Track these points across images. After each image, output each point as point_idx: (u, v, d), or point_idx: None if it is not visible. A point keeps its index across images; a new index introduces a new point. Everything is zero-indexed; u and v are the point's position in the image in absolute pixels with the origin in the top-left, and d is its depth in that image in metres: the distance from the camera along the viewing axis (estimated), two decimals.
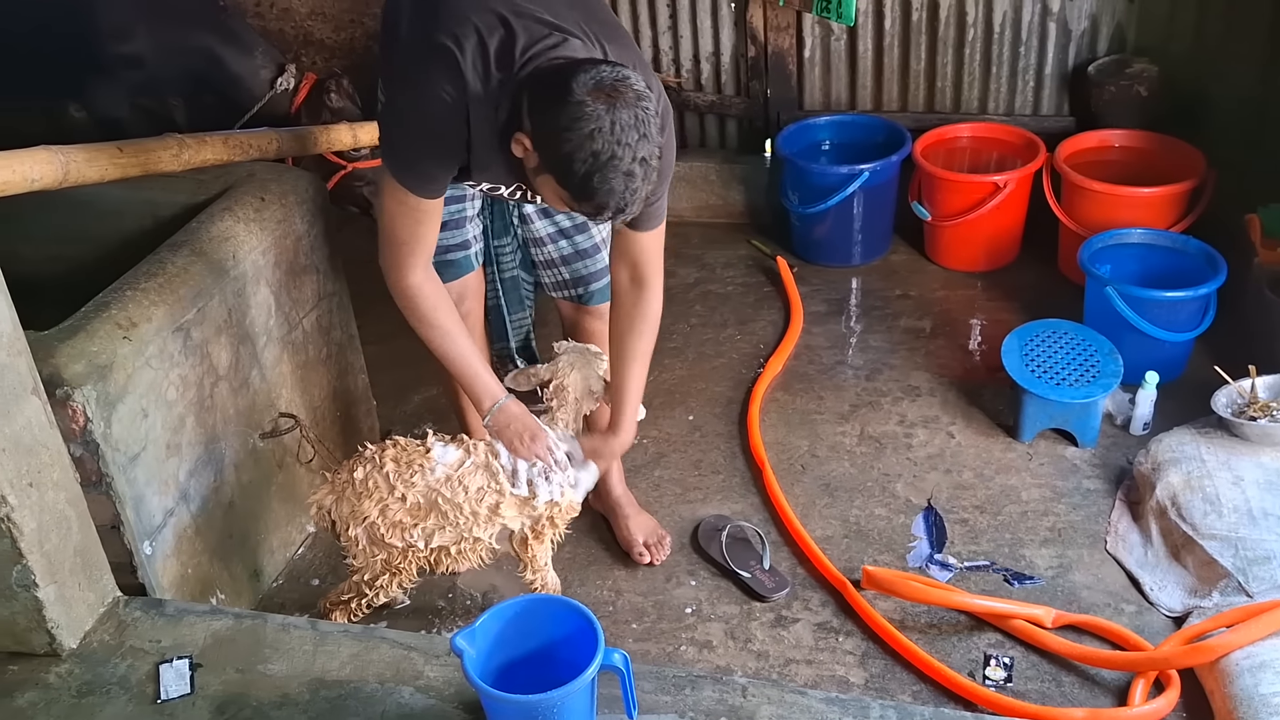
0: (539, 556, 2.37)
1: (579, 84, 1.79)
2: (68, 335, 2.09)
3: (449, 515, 2.22)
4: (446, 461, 2.23)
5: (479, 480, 2.23)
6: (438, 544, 2.25)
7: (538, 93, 1.86)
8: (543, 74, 1.89)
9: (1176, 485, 2.60)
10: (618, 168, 1.80)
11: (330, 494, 2.28)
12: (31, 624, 1.97)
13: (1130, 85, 3.51)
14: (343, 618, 2.38)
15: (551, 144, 1.82)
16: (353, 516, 2.23)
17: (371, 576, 2.31)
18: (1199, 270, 3.07)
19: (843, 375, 3.30)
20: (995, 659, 2.37)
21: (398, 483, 2.21)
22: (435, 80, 1.92)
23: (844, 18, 3.64)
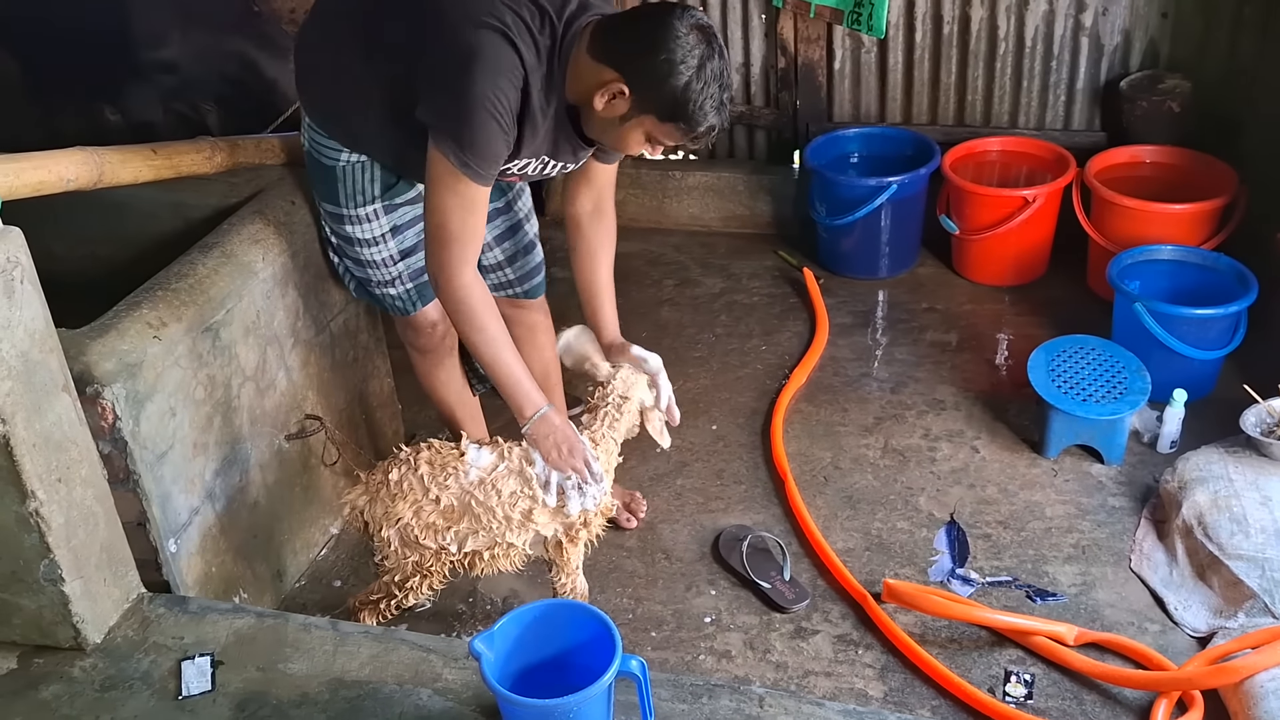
0: (571, 560, 2.37)
1: (681, 26, 1.96)
2: (99, 334, 2.12)
3: (482, 519, 2.22)
4: (480, 465, 2.23)
5: (512, 485, 2.22)
6: (471, 548, 2.25)
7: (628, 42, 2.00)
8: (620, 25, 2.03)
9: (1203, 504, 2.58)
10: (719, 93, 2.01)
11: (364, 494, 2.29)
12: (57, 618, 2.00)
13: (1163, 101, 3.49)
14: (371, 619, 2.39)
15: (667, 88, 1.97)
16: (386, 517, 2.24)
17: (402, 578, 2.31)
18: (1230, 288, 3.04)
19: (867, 387, 3.29)
20: (1016, 675, 2.35)
21: (432, 485, 2.21)
22: (498, 62, 1.98)
23: (875, 30, 3.64)
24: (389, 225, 2.42)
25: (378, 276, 2.48)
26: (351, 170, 2.34)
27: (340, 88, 2.26)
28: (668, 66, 1.96)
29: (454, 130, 2.01)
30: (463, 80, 1.97)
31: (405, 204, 2.43)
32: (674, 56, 1.95)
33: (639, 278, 3.68)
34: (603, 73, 2.02)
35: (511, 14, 2.01)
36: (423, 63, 2.05)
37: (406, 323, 2.58)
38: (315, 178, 2.41)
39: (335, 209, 2.40)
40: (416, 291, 2.51)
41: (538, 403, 2.23)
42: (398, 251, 2.45)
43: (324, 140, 2.33)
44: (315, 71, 2.32)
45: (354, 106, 2.26)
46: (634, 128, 2.07)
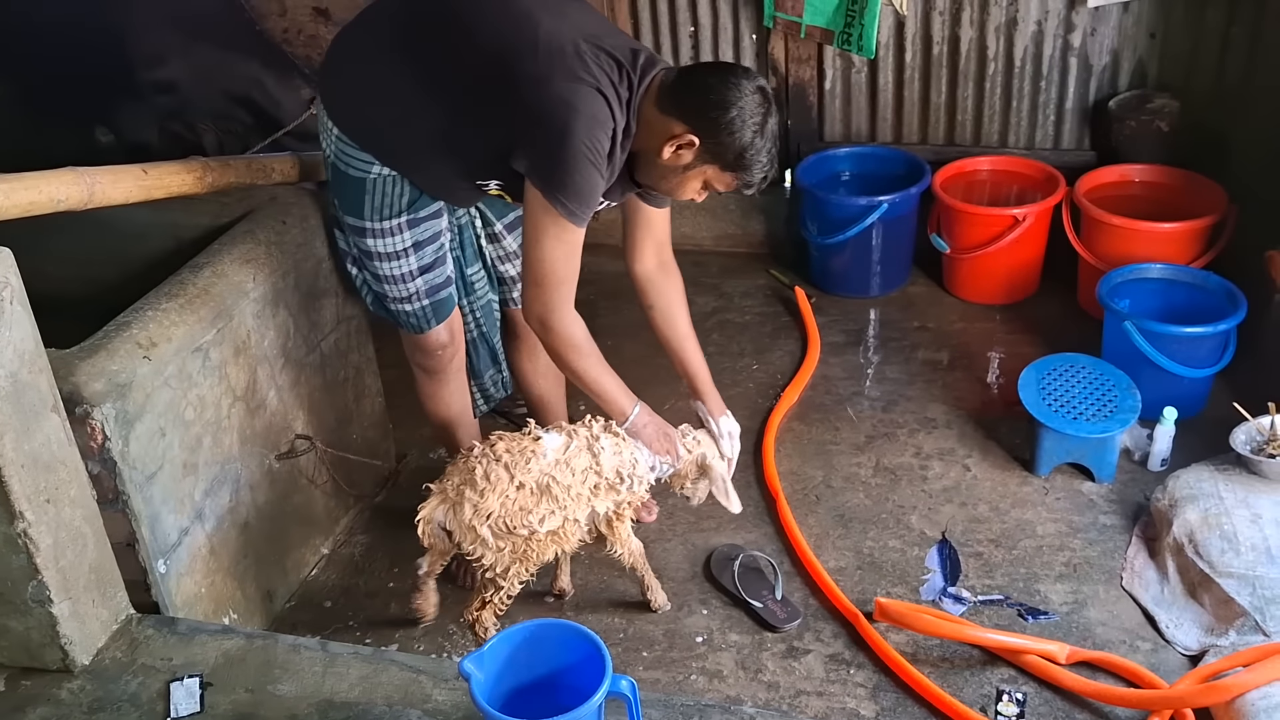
0: (621, 532, 2.46)
1: (748, 86, 2.14)
2: (88, 354, 2.12)
3: (559, 498, 2.30)
4: (554, 446, 2.32)
5: (583, 461, 2.33)
6: (549, 528, 2.30)
7: (698, 97, 2.14)
8: (690, 82, 2.18)
9: (1194, 522, 2.58)
10: (773, 147, 2.21)
11: (441, 504, 2.31)
12: (45, 639, 1.99)
13: (1151, 120, 3.51)
14: (490, 617, 2.42)
15: (733, 142, 2.14)
16: (477, 515, 2.26)
17: (503, 569, 2.33)
18: (1219, 306, 3.05)
19: (859, 406, 3.29)
20: (1008, 694, 2.35)
21: (515, 471, 2.28)
22: (595, 115, 2.11)
23: (865, 50, 3.66)
24: (411, 240, 2.43)
25: (394, 292, 2.49)
26: (381, 183, 2.34)
27: (388, 111, 2.28)
28: (737, 123, 2.13)
29: (559, 179, 2.13)
30: (565, 133, 2.09)
31: (428, 218, 2.44)
32: (742, 114, 2.13)
33: (631, 296, 3.64)
34: (672, 125, 2.16)
35: (599, 69, 2.14)
36: (516, 116, 2.14)
37: (416, 342, 2.59)
38: (340, 189, 2.40)
39: (359, 222, 2.40)
40: (432, 309, 2.52)
41: (633, 404, 2.42)
42: (417, 267, 2.46)
43: (354, 152, 2.33)
44: (357, 87, 2.32)
45: (403, 133, 2.29)
46: (695, 176, 2.23)
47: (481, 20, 2.22)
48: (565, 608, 2.67)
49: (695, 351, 2.64)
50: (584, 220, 2.19)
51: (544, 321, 2.26)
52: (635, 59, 2.20)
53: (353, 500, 2.96)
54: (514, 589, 2.39)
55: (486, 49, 2.19)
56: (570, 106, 2.10)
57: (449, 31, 2.23)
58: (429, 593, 2.55)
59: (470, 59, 2.20)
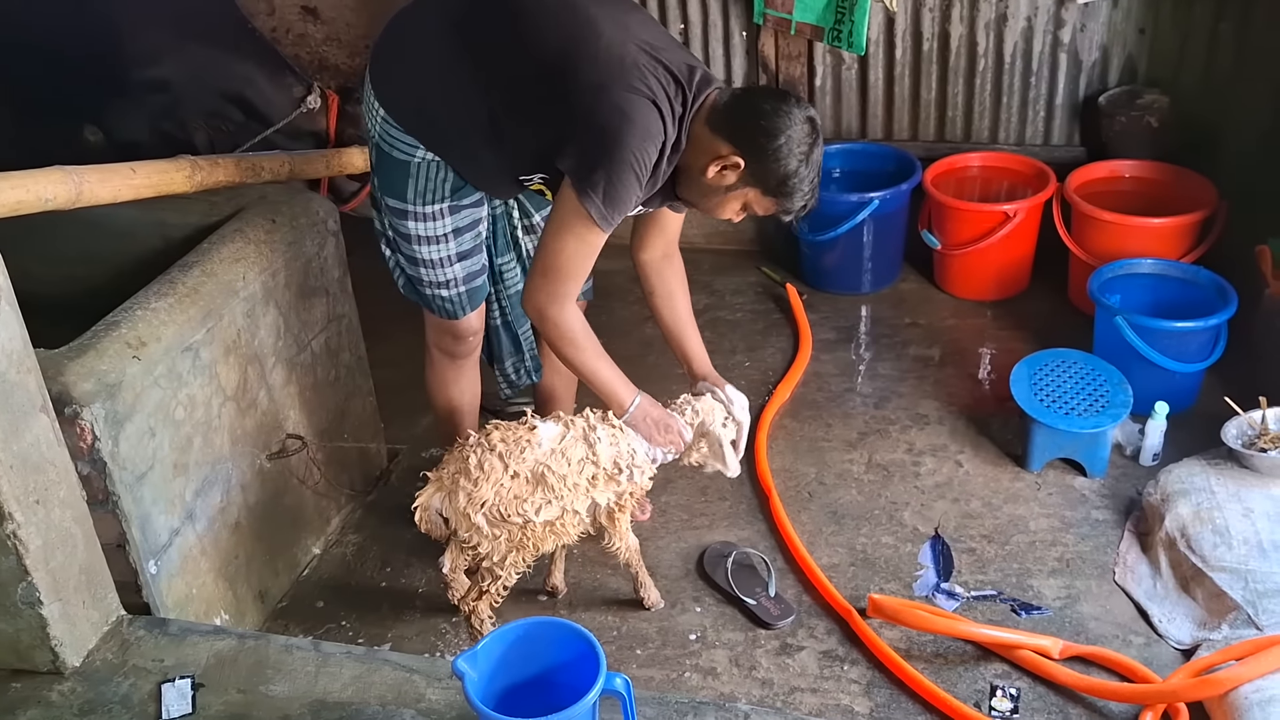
0: (620, 524, 2.46)
1: (799, 115, 2.17)
2: (77, 354, 2.10)
3: (555, 488, 2.30)
4: (549, 436, 2.32)
5: (580, 451, 2.33)
6: (545, 518, 2.31)
7: (749, 121, 2.17)
8: (743, 105, 2.20)
9: (1186, 517, 2.58)
10: (816, 177, 2.25)
11: (437, 492, 2.31)
12: (35, 641, 1.98)
13: (1141, 116, 3.52)
14: (486, 607, 2.41)
15: (778, 169, 2.18)
16: (471, 504, 2.27)
17: (500, 558, 2.34)
18: (1209, 301, 3.06)
19: (851, 403, 3.29)
20: (1002, 690, 2.35)
21: (510, 461, 2.28)
22: (648, 128, 2.14)
23: (855, 47, 3.65)
24: (452, 226, 2.43)
25: (432, 277, 2.48)
26: (426, 167, 2.35)
27: (440, 97, 2.29)
28: (784, 151, 2.16)
29: (599, 184, 2.15)
30: (616, 142, 2.12)
31: (469, 206, 2.45)
32: (790, 142, 2.16)
33: (623, 295, 3.67)
34: (720, 145, 2.20)
35: (656, 82, 2.17)
36: (570, 119, 2.16)
37: (447, 327, 2.59)
38: (383, 170, 2.39)
39: (401, 204, 2.40)
40: (468, 295, 2.53)
41: (634, 392, 2.42)
42: (455, 253, 2.46)
43: (400, 135, 2.33)
44: (410, 71, 2.32)
45: (454, 121, 2.30)
46: (736, 198, 2.27)
47: (545, 21, 2.24)
48: (558, 606, 2.66)
49: (695, 336, 2.65)
50: (611, 227, 2.21)
51: (542, 312, 2.28)
52: (692, 75, 2.22)
53: (344, 499, 2.95)
54: (510, 579, 2.39)
55: (548, 50, 2.21)
56: (625, 116, 2.13)
57: (510, 28, 2.24)
58: (461, 584, 2.56)
59: (531, 57, 2.22)
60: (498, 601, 2.43)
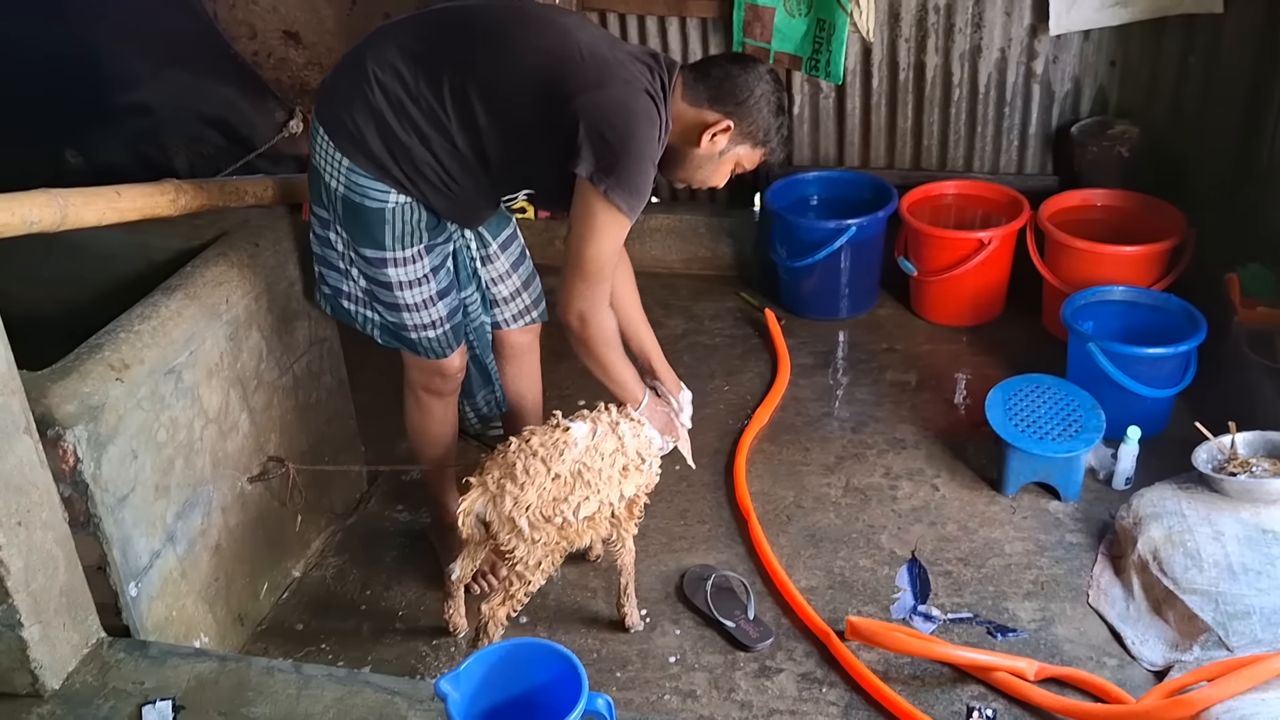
0: (636, 516, 2.52)
1: (765, 71, 2.37)
2: (60, 376, 2.11)
3: (591, 483, 2.33)
4: (582, 434, 2.36)
5: (611, 444, 2.38)
6: (584, 514, 2.33)
7: (728, 86, 2.34)
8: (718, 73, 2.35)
9: (1158, 540, 2.62)
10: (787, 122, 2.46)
11: (482, 496, 2.32)
12: (15, 664, 1.97)
13: (1112, 146, 3.58)
14: (505, 613, 2.40)
15: (759, 118, 2.37)
16: (517, 508, 2.27)
17: (535, 561, 2.34)
18: (1179, 328, 3.11)
19: (829, 427, 3.32)
20: (979, 711, 2.37)
21: (551, 463, 2.31)
22: (653, 119, 2.25)
23: (832, 76, 3.71)
24: (430, 266, 2.43)
25: (416, 320, 2.47)
26: (401, 211, 2.33)
27: (415, 134, 2.27)
28: (763, 103, 2.36)
29: (623, 179, 2.21)
30: (629, 135, 2.21)
31: (442, 243, 2.46)
32: (766, 95, 2.36)
33: None
34: (705, 115, 2.35)
35: (638, 73, 2.28)
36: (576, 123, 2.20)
37: (435, 368, 2.58)
38: (356, 222, 2.34)
39: (379, 253, 2.37)
40: (451, 333, 2.54)
41: (644, 390, 2.54)
42: (436, 292, 2.46)
43: (368, 183, 2.29)
44: (376, 112, 2.26)
45: (429, 155, 2.29)
46: (728, 160, 2.43)
47: (517, 35, 2.30)
48: (537, 627, 2.67)
49: (648, 332, 2.71)
50: (635, 218, 2.28)
51: (585, 317, 2.33)
52: (658, 60, 2.35)
53: (324, 523, 2.95)
54: (539, 583, 2.40)
55: (530, 64, 2.26)
56: (629, 109, 2.22)
57: (484, 50, 2.27)
58: (460, 603, 2.58)
59: (514, 75, 2.26)
60: (518, 608, 2.42)
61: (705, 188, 2.52)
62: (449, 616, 2.60)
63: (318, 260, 2.52)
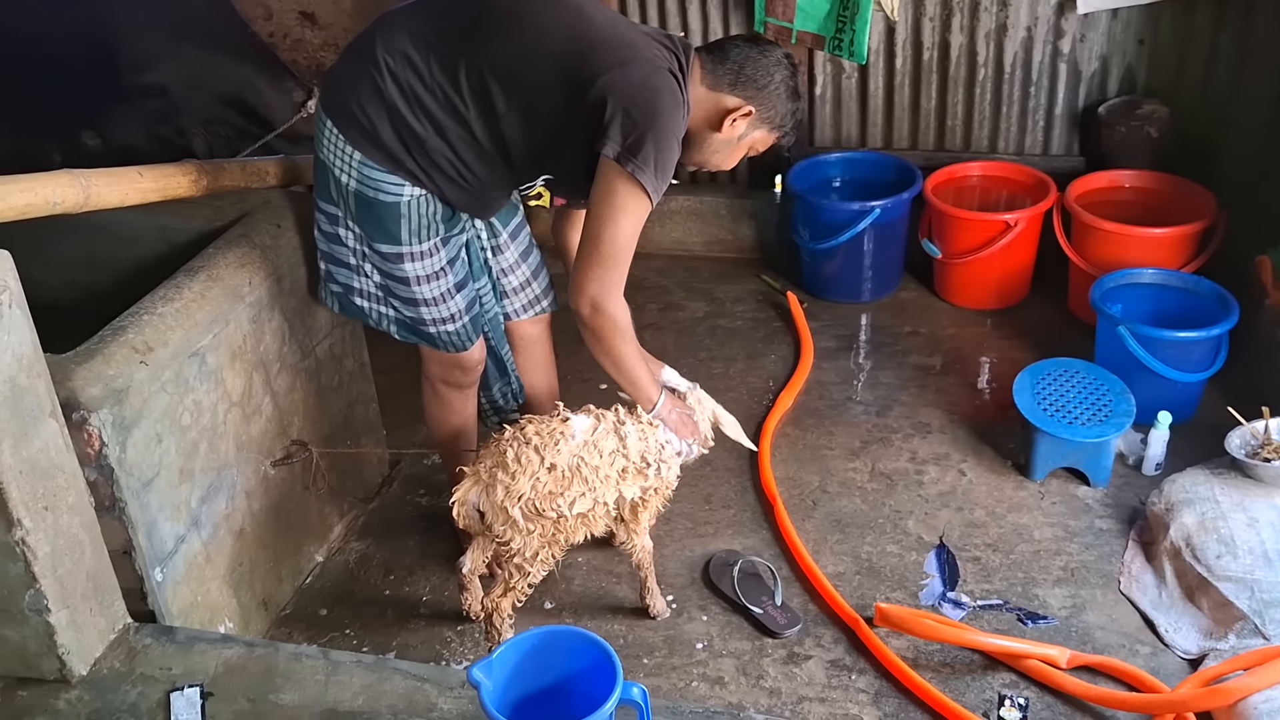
0: (642, 520, 2.47)
1: (782, 55, 2.36)
2: (85, 359, 2.08)
3: (589, 480, 2.30)
4: (582, 428, 2.33)
5: (611, 443, 2.34)
6: (578, 510, 2.30)
7: (748, 70, 2.32)
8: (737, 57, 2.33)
9: (1191, 526, 2.59)
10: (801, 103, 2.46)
11: (475, 486, 2.30)
12: (42, 649, 1.95)
13: (1141, 126, 3.53)
14: (509, 605, 2.38)
15: (778, 103, 2.36)
16: (509, 497, 2.25)
17: (532, 553, 2.32)
18: (1210, 311, 3.07)
19: (853, 411, 3.29)
20: (1010, 699, 2.34)
21: (545, 454, 2.28)
22: (677, 99, 2.24)
23: (856, 56, 3.66)
24: (446, 259, 2.40)
25: (435, 314, 2.44)
26: (416, 203, 2.29)
27: (430, 124, 2.23)
28: (783, 88, 2.35)
29: (650, 158, 2.18)
30: (655, 113, 2.19)
31: (457, 234, 2.43)
32: (788, 83, 2.36)
33: None
34: (728, 100, 2.34)
35: (665, 52, 2.27)
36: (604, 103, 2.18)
37: (455, 361, 2.55)
38: (371, 217, 2.30)
39: (395, 248, 2.33)
40: (471, 324, 2.51)
41: (659, 392, 2.46)
42: (453, 284, 2.44)
43: (382, 176, 2.25)
44: (388, 103, 2.22)
45: (445, 144, 2.25)
46: (745, 144, 2.42)
47: (535, 19, 2.26)
48: (563, 613, 2.65)
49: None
50: (658, 200, 2.24)
51: (597, 303, 2.26)
52: (674, 43, 2.33)
53: (346, 506, 2.93)
54: (538, 576, 2.37)
55: (551, 47, 2.23)
56: (655, 88, 2.20)
57: (500, 35, 2.23)
58: (476, 590, 2.56)
59: (535, 59, 2.23)
60: (521, 600, 2.40)
61: (715, 171, 2.50)
62: (466, 607, 2.58)
63: (324, 258, 2.48)
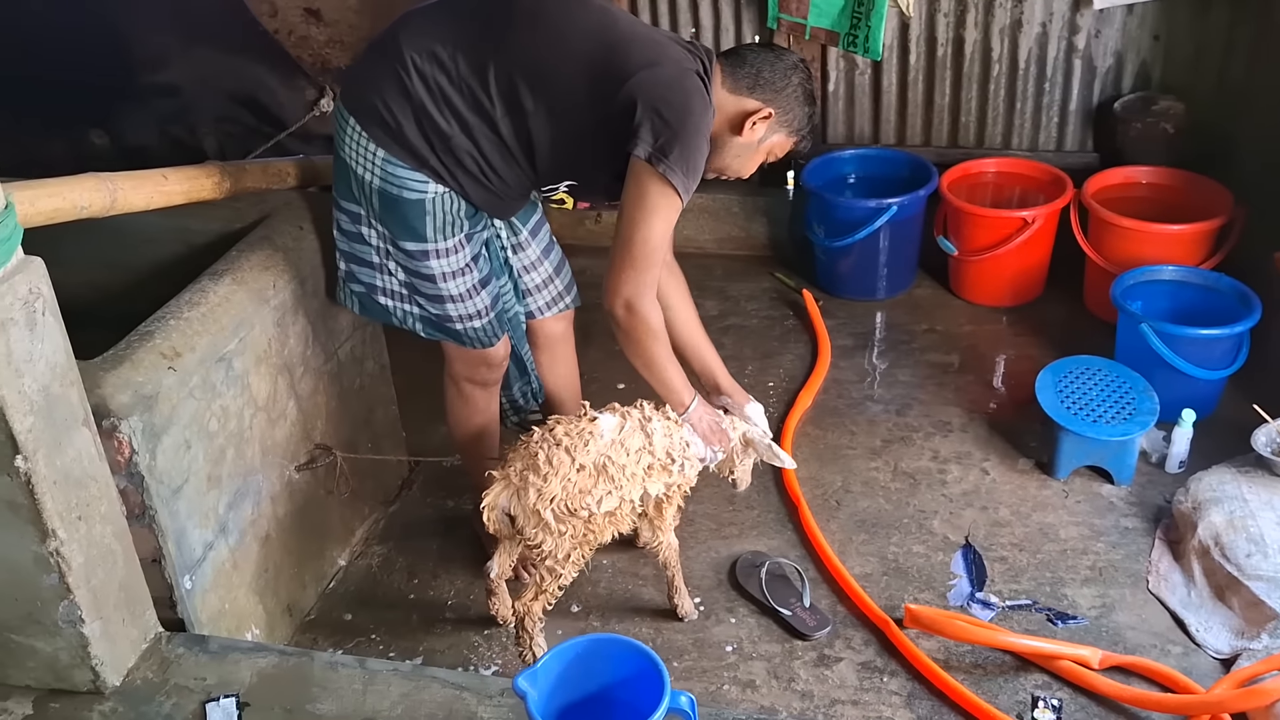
0: (667, 517, 2.47)
1: (798, 60, 2.38)
2: (113, 365, 2.06)
3: (615, 478, 2.29)
4: (609, 427, 2.33)
5: (638, 441, 2.34)
6: (605, 509, 2.29)
7: (768, 75, 2.33)
8: (757, 62, 2.34)
9: (1219, 525, 2.58)
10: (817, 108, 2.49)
11: (505, 490, 2.28)
12: (75, 660, 1.93)
13: (1157, 122, 3.52)
14: (540, 609, 2.36)
15: (795, 107, 2.37)
16: (541, 500, 2.23)
17: (564, 555, 2.30)
18: (1230, 308, 3.06)
19: (872, 410, 3.28)
20: (1043, 701, 2.34)
21: (576, 454, 2.26)
22: (705, 101, 2.24)
23: (871, 52, 3.64)
24: (470, 255, 2.39)
25: (461, 310, 2.42)
26: (440, 200, 2.28)
27: (457, 124, 2.22)
28: (800, 91, 2.37)
29: (680, 158, 2.17)
30: (686, 113, 2.18)
31: (480, 231, 2.42)
32: (804, 86, 2.37)
33: None
34: (748, 103, 2.34)
35: (689, 56, 2.27)
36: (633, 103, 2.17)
37: (481, 358, 2.53)
38: (395, 215, 2.29)
39: (420, 245, 2.32)
40: (496, 321, 2.49)
41: (692, 395, 2.45)
42: (478, 281, 2.42)
43: (406, 173, 2.23)
44: (413, 101, 2.20)
45: (470, 144, 2.24)
46: (763, 149, 2.41)
47: (560, 21, 2.25)
48: (590, 617, 2.63)
49: (709, 347, 2.63)
50: (688, 200, 2.24)
51: (631, 304, 2.26)
52: (696, 46, 2.33)
53: (367, 510, 2.90)
54: (570, 578, 2.35)
55: (582, 43, 2.23)
56: (685, 88, 2.20)
57: (526, 36, 2.22)
58: (504, 595, 2.54)
59: (568, 54, 2.22)
60: (552, 603, 2.38)
61: (734, 177, 2.47)
62: (494, 611, 2.56)
63: (345, 257, 2.46)
